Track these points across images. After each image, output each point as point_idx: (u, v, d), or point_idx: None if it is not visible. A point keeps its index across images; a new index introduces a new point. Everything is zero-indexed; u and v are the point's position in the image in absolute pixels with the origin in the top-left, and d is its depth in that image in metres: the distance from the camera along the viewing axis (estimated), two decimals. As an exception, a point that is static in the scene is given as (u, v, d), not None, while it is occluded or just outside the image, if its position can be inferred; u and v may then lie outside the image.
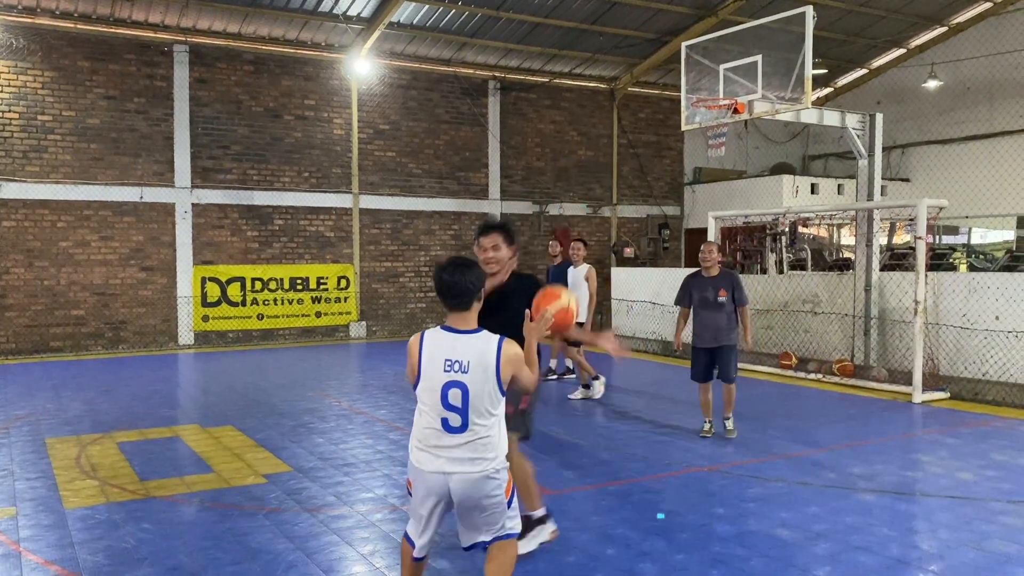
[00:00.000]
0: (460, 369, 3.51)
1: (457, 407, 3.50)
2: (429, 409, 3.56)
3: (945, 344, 10.90)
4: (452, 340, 3.56)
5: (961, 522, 5.49)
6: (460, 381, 3.50)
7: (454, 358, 3.52)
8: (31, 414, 9.24)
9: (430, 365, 3.55)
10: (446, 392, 3.50)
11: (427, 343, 3.59)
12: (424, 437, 3.58)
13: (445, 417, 3.51)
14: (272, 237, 16.52)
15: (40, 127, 14.52)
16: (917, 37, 20.16)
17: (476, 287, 3.60)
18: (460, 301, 3.58)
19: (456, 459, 3.53)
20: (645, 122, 21.05)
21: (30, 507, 5.83)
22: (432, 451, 3.55)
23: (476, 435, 3.52)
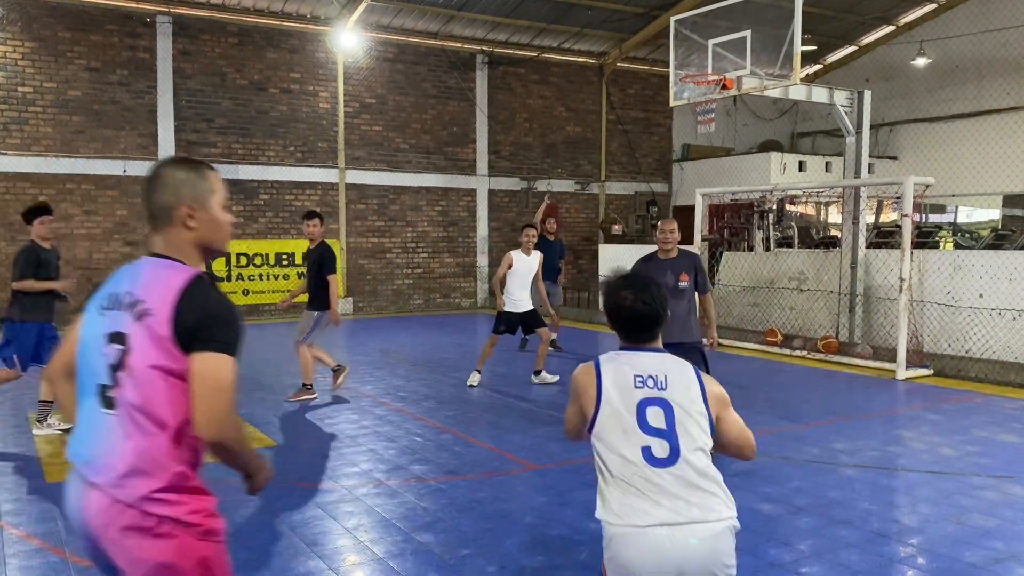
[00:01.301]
0: (656, 385, 2.66)
1: (661, 429, 2.60)
2: (623, 443, 2.60)
3: (929, 321, 10.97)
4: (638, 357, 2.76)
5: (941, 496, 5.54)
6: (660, 398, 2.64)
7: (646, 373, 2.68)
8: (13, 388, 9.16)
9: (615, 387, 2.66)
10: (643, 411, 2.62)
11: (605, 366, 2.73)
12: (624, 493, 2.56)
13: (647, 445, 2.58)
14: (257, 212, 16.40)
15: (21, 99, 14.31)
16: (906, 14, 20.10)
17: (665, 310, 2.80)
18: (652, 333, 2.80)
19: (681, 505, 2.53)
20: (634, 98, 20.95)
21: (12, 481, 5.80)
22: (646, 497, 2.54)
23: (694, 468, 2.59)
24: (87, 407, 2.21)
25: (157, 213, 2.27)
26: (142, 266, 2.26)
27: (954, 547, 4.63)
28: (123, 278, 2.27)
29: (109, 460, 2.11)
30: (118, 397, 2.13)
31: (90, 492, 2.12)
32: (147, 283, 2.19)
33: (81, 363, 2.27)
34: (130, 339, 2.14)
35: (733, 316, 14.05)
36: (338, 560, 4.47)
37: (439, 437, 7.15)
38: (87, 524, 2.15)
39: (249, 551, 4.52)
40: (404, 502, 5.42)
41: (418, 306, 18.28)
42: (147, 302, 2.14)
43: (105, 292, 2.28)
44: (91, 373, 2.21)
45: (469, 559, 4.46)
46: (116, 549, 2.11)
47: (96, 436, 2.16)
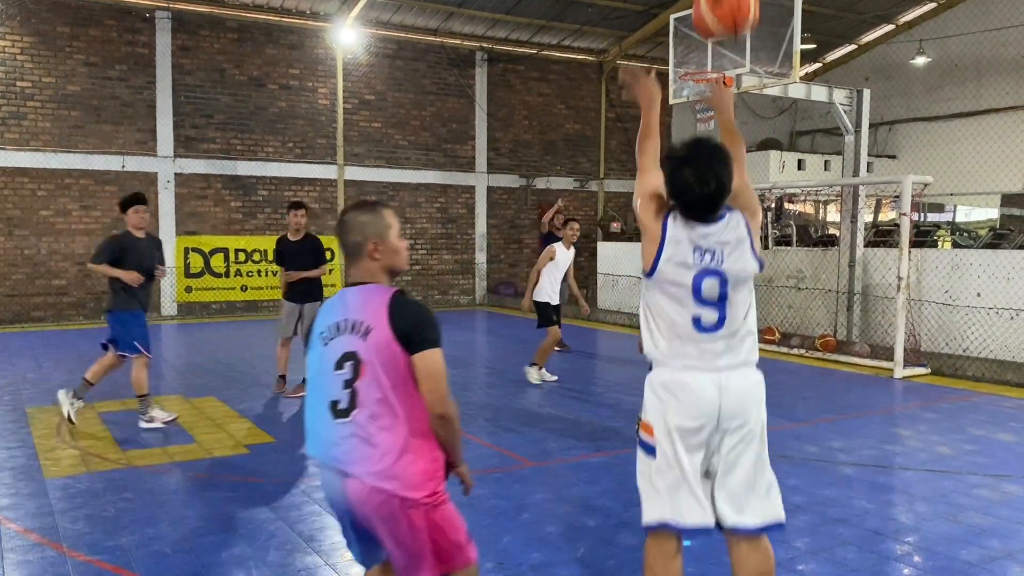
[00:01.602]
0: (714, 259, 2.90)
1: (712, 301, 2.91)
2: (674, 309, 2.93)
3: (927, 320, 10.99)
4: (699, 228, 2.93)
5: (938, 495, 5.56)
6: (716, 270, 2.89)
7: (705, 246, 2.90)
8: (11, 383, 9.18)
9: (674, 253, 2.90)
10: (699, 284, 2.90)
11: (672, 223, 2.94)
12: (671, 340, 2.94)
13: (697, 315, 2.92)
14: (256, 208, 16.39)
15: (19, 93, 14.29)
16: (906, 13, 20.08)
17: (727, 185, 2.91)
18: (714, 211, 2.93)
19: (720, 357, 2.93)
20: (633, 96, 20.90)
21: (10, 476, 5.80)
22: (690, 347, 2.92)
23: (737, 330, 2.96)
24: (323, 421, 2.73)
25: (352, 250, 2.81)
26: (348, 295, 2.79)
27: (950, 545, 4.64)
28: (334, 310, 2.79)
29: (355, 456, 2.66)
30: (357, 405, 2.66)
31: (349, 482, 2.68)
32: (360, 306, 2.72)
33: (314, 388, 2.79)
34: (361, 354, 2.66)
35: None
36: (335, 556, 4.47)
37: (437, 434, 7.14)
38: (351, 507, 2.71)
39: (247, 546, 4.53)
40: (402, 498, 5.41)
41: (416, 303, 18.25)
42: (366, 321, 2.68)
43: (324, 325, 2.78)
44: (324, 394, 2.73)
45: (466, 555, 4.46)
46: (375, 522, 2.69)
47: (339, 441, 2.69)
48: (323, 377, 2.73)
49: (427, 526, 2.67)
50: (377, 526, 2.70)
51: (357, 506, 2.69)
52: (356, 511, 2.71)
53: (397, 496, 2.63)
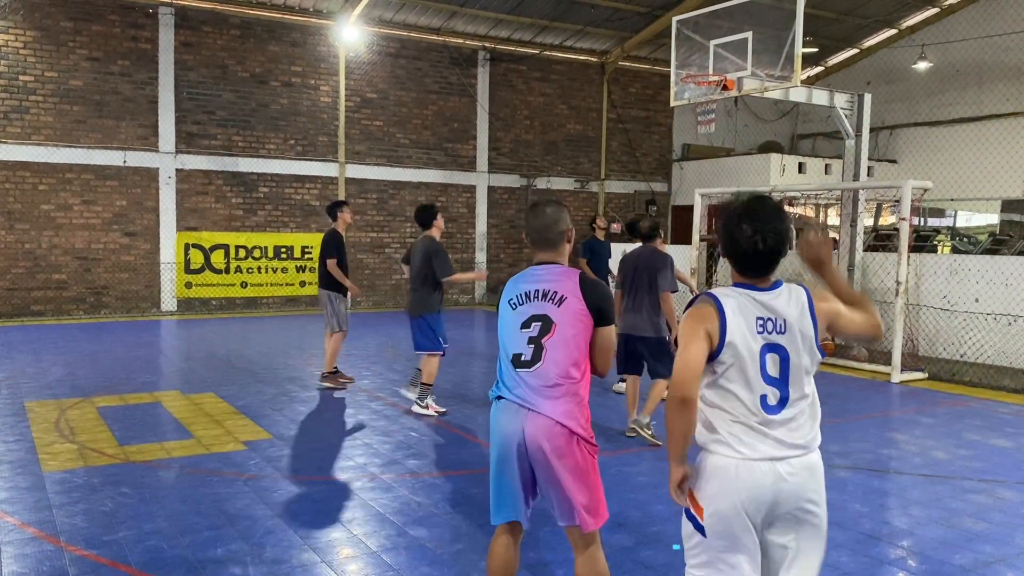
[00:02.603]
0: (776, 328, 2.72)
1: (775, 378, 2.73)
2: (742, 389, 2.71)
3: (925, 325, 11.00)
4: (757, 296, 2.75)
5: (932, 499, 5.58)
6: (778, 344, 2.72)
7: (766, 316, 2.73)
8: (11, 377, 9.19)
9: (739, 329, 2.69)
10: (764, 359, 2.71)
11: (727, 302, 2.72)
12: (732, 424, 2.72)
13: (764, 394, 2.71)
14: (257, 205, 16.41)
15: (22, 88, 14.30)
16: (909, 18, 20.11)
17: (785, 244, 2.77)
18: (770, 269, 2.79)
19: (783, 441, 2.71)
20: (635, 97, 20.96)
21: (8, 469, 5.82)
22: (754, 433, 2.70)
23: (799, 410, 2.76)
24: (508, 369, 3.30)
25: (550, 236, 3.41)
26: (538, 271, 3.38)
27: (944, 550, 4.66)
28: (523, 282, 3.37)
29: (539, 398, 3.20)
30: (541, 359, 3.21)
31: (532, 416, 3.19)
32: (553, 280, 3.30)
33: (503, 341, 3.35)
34: (553, 317, 3.23)
35: (730, 316, 14.04)
36: (332, 553, 4.49)
37: (434, 433, 7.18)
38: (525, 440, 3.19)
39: (244, 543, 4.55)
40: (398, 496, 5.44)
41: (416, 301, 18.27)
42: (560, 292, 3.26)
43: (513, 294, 3.37)
44: (509, 349, 3.30)
45: (462, 554, 4.48)
46: (548, 455, 3.17)
47: (523, 385, 3.24)
48: (510, 334, 3.31)
49: (590, 467, 3.22)
50: (549, 459, 3.17)
51: (533, 439, 3.17)
52: (529, 444, 3.18)
53: (576, 433, 3.17)
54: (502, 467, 3.30)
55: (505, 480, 3.30)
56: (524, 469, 3.25)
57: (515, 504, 3.32)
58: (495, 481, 3.36)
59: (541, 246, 3.43)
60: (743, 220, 2.73)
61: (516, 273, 3.51)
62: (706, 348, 2.67)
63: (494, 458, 3.35)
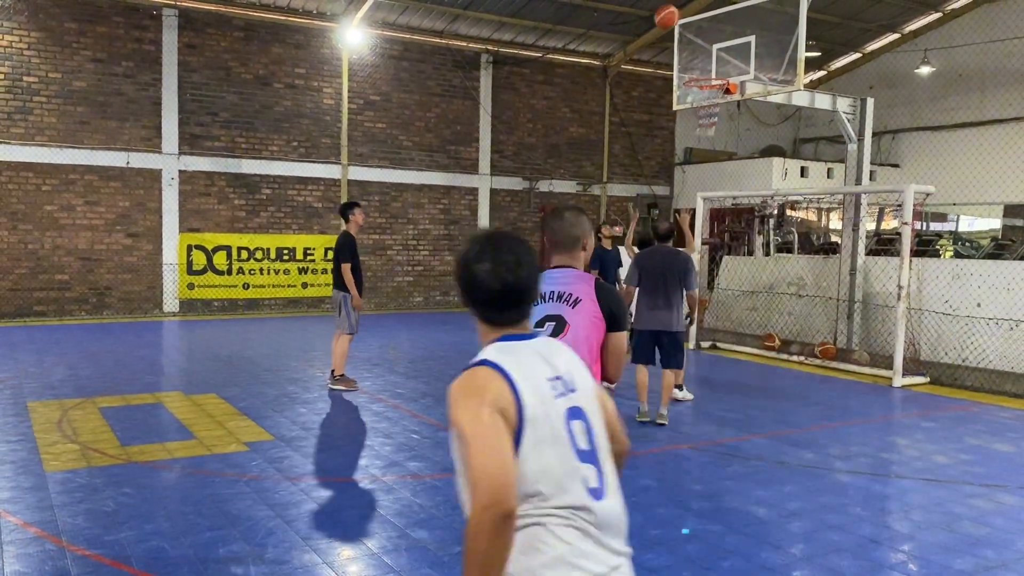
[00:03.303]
0: (567, 387, 2.06)
1: (587, 451, 2.02)
2: (561, 473, 1.94)
3: (927, 329, 11.00)
4: (535, 346, 2.15)
5: (933, 504, 5.58)
6: (577, 407, 2.05)
7: (554, 372, 2.07)
8: (13, 377, 9.21)
9: (535, 396, 1.97)
10: (570, 427, 2.01)
11: (508, 364, 2.04)
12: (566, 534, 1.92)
13: (584, 475, 1.97)
14: (259, 206, 16.43)
15: (25, 88, 14.34)
16: (911, 22, 20.12)
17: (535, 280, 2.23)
18: (527, 310, 2.22)
19: (616, 543, 2.00)
20: (637, 100, 20.98)
21: (10, 469, 5.83)
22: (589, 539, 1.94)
23: (616, 495, 2.05)
24: None
25: (567, 241, 3.48)
26: (558, 274, 3.42)
27: (945, 554, 4.66)
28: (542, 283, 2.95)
29: None
30: None
31: None
32: (569, 283, 3.37)
33: None
34: (567, 318, 3.28)
35: (732, 320, 14.08)
36: (333, 554, 4.50)
37: (436, 434, 7.18)
38: None
39: (245, 543, 4.56)
40: (400, 498, 5.45)
41: (418, 304, 18.31)
42: (576, 294, 3.33)
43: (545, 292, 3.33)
44: None
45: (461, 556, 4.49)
46: None
47: None
48: None
49: None
50: None
51: None
52: None
53: None
54: None
55: None
56: None
57: None
58: None
59: (559, 249, 3.50)
60: (492, 250, 2.16)
61: None
62: (509, 436, 1.89)
63: None
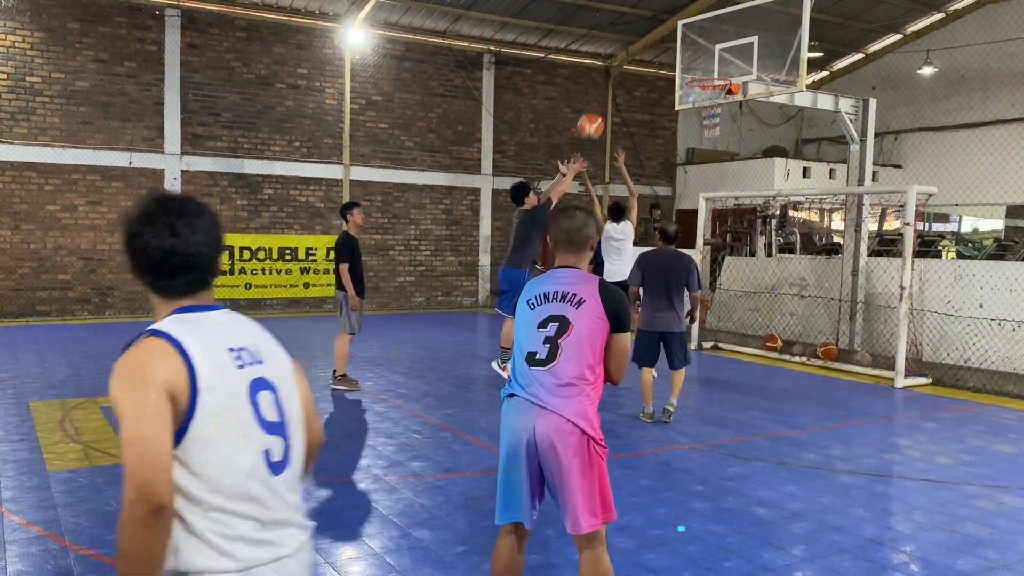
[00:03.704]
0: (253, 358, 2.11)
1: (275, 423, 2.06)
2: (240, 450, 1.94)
3: (929, 330, 10.99)
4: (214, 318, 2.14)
5: (936, 505, 5.57)
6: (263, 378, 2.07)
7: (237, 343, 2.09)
8: (15, 377, 9.22)
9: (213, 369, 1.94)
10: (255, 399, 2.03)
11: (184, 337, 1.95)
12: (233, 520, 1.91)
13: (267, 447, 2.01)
14: (261, 206, 16.44)
15: (28, 88, 14.35)
16: (914, 23, 20.11)
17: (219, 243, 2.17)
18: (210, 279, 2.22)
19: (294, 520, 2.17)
20: (640, 101, 20.98)
21: (13, 469, 5.84)
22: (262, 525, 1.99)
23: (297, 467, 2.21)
24: (522, 368, 3.33)
25: (577, 240, 3.47)
26: (559, 274, 3.44)
27: (947, 555, 4.66)
28: (543, 283, 3.43)
29: (553, 397, 3.23)
30: (556, 358, 3.25)
31: (544, 414, 3.22)
32: (573, 283, 3.37)
33: (519, 339, 3.40)
34: (572, 318, 3.28)
35: (733, 321, 14.08)
36: (335, 554, 4.50)
37: (437, 434, 7.19)
38: (536, 438, 3.23)
39: (247, 543, 4.55)
40: (401, 498, 5.45)
41: (419, 304, 18.31)
42: (580, 295, 3.31)
43: (532, 295, 3.42)
44: (524, 347, 3.34)
45: (465, 556, 4.49)
46: (559, 453, 3.21)
47: (536, 383, 3.28)
48: (527, 332, 3.36)
49: (599, 468, 3.28)
50: (559, 456, 3.21)
51: (544, 436, 3.21)
52: (540, 442, 3.22)
53: (587, 434, 3.22)
54: (511, 465, 3.33)
55: (513, 478, 3.32)
56: (533, 467, 3.27)
57: (521, 504, 3.33)
58: (503, 479, 3.37)
59: (566, 248, 3.49)
60: (157, 213, 2.01)
61: None
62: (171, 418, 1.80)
63: (503, 456, 3.37)
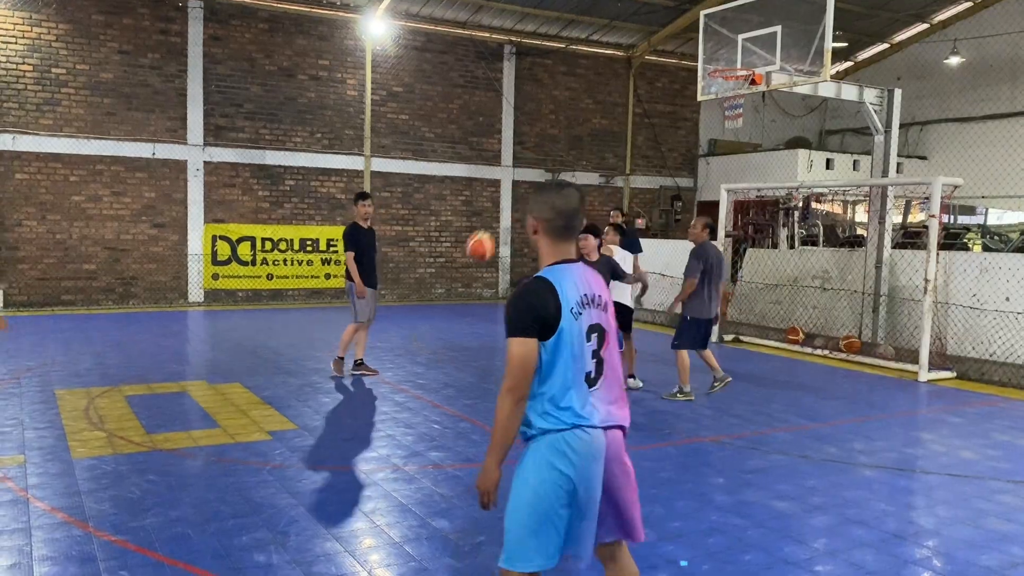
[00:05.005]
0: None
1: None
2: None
3: (953, 324, 10.87)
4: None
5: (959, 500, 5.51)
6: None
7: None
8: (41, 365, 9.34)
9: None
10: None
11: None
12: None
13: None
14: (283, 197, 16.52)
15: (54, 80, 14.50)
16: (941, 12, 19.82)
17: None
18: None
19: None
20: (661, 91, 20.85)
21: (38, 456, 5.92)
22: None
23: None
24: (581, 393, 2.90)
25: (579, 225, 3.03)
26: (580, 270, 3.00)
27: (970, 550, 4.61)
28: (574, 283, 2.92)
29: (610, 413, 2.97)
30: (603, 372, 2.95)
31: (614, 433, 2.98)
32: (595, 283, 3.00)
33: (574, 358, 2.88)
34: (604, 326, 2.96)
35: (755, 313, 13.98)
36: (354, 543, 4.52)
37: (457, 425, 7.20)
38: (606, 457, 2.93)
39: (268, 531, 4.60)
40: (421, 488, 5.47)
41: (440, 295, 18.35)
42: (604, 297, 3.01)
43: (573, 300, 2.88)
44: (582, 365, 2.90)
45: (484, 546, 4.50)
46: (618, 468, 2.99)
47: (596, 404, 2.94)
48: (581, 350, 2.89)
49: None
50: (627, 471, 3.04)
51: (615, 455, 2.98)
52: (610, 461, 2.96)
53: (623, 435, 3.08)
54: (581, 509, 2.91)
55: (561, 518, 2.91)
56: (598, 495, 2.93)
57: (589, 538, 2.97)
58: (543, 522, 2.90)
59: (566, 235, 3.01)
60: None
61: None
62: None
63: (560, 500, 2.89)
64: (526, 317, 2.80)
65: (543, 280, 2.88)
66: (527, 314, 2.81)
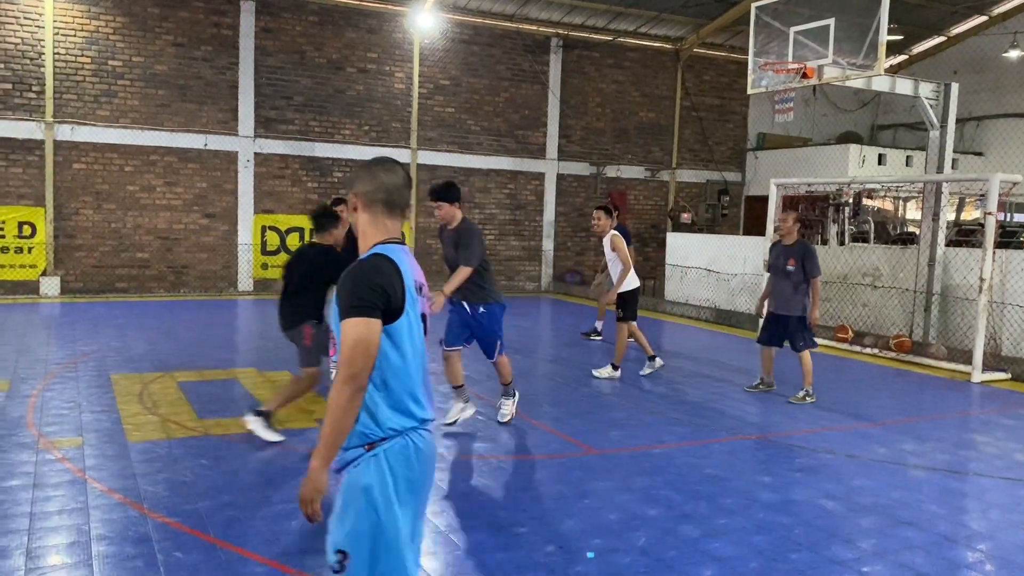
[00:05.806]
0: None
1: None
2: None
3: (1009, 324, 10.60)
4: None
5: (1014, 503, 5.39)
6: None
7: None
8: (97, 351, 9.59)
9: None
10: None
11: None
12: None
13: None
14: (332, 189, 16.71)
15: (111, 72, 14.84)
16: (1000, 4, 19.27)
17: None
18: None
19: None
20: (709, 85, 20.62)
21: (95, 438, 6.09)
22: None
23: None
24: (428, 384, 2.71)
25: (406, 205, 2.75)
26: (409, 253, 2.69)
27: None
28: (409, 265, 2.64)
29: None
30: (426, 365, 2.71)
31: None
32: (417, 269, 2.70)
33: (415, 345, 2.63)
34: (428, 317, 2.72)
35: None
36: (400, 531, 4.58)
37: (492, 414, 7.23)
38: None
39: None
40: (466, 478, 5.51)
41: (484, 287, 18.38)
42: (425, 285, 2.72)
43: (410, 282, 2.60)
44: (423, 353, 2.68)
45: (526, 537, 4.53)
46: None
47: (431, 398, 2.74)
48: (419, 336, 2.66)
49: None
50: None
51: None
52: None
53: None
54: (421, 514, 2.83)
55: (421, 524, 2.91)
56: None
57: None
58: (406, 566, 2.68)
59: (393, 211, 2.70)
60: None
61: None
62: None
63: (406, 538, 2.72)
64: (371, 295, 2.46)
65: (384, 257, 2.57)
66: (372, 292, 2.47)
